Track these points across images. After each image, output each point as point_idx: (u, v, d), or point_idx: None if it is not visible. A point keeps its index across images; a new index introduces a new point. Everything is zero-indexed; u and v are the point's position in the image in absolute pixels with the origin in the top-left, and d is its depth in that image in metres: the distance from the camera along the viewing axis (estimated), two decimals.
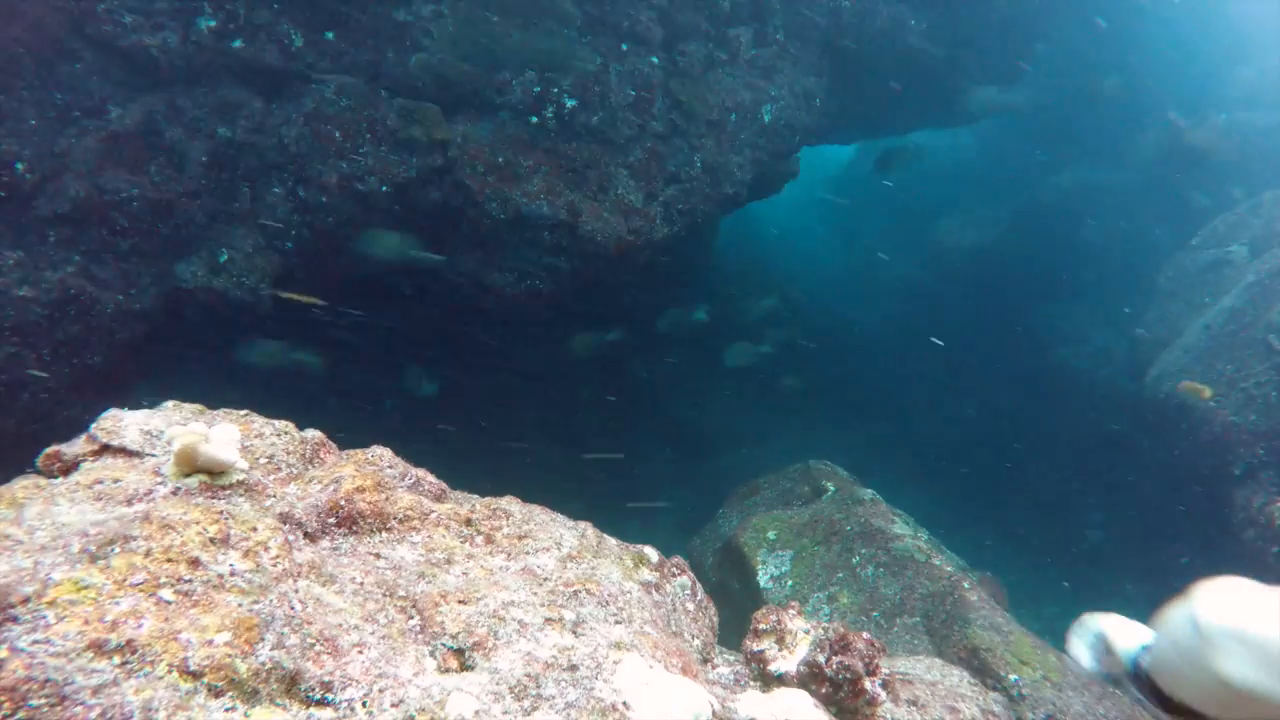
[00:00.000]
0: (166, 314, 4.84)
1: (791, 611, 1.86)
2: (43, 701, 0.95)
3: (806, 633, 1.80)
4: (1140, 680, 1.27)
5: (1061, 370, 9.11)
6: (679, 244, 6.01)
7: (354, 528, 1.60)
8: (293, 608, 1.26)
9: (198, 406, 1.81)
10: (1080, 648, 1.57)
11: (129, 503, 1.43)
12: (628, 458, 8.52)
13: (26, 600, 1.08)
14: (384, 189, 4.96)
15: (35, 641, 1.03)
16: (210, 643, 1.11)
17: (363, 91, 4.99)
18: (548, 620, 1.44)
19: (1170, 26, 9.66)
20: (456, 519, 1.73)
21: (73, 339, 4.37)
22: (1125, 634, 1.40)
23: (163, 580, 1.18)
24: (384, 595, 1.42)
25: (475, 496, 1.92)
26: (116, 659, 1.04)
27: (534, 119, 5.29)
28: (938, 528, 4.49)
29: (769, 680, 1.77)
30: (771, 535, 4.14)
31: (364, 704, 1.17)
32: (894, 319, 11.62)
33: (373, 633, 1.32)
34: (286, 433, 1.80)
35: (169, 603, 1.15)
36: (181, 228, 4.68)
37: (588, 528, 1.91)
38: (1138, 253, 8.87)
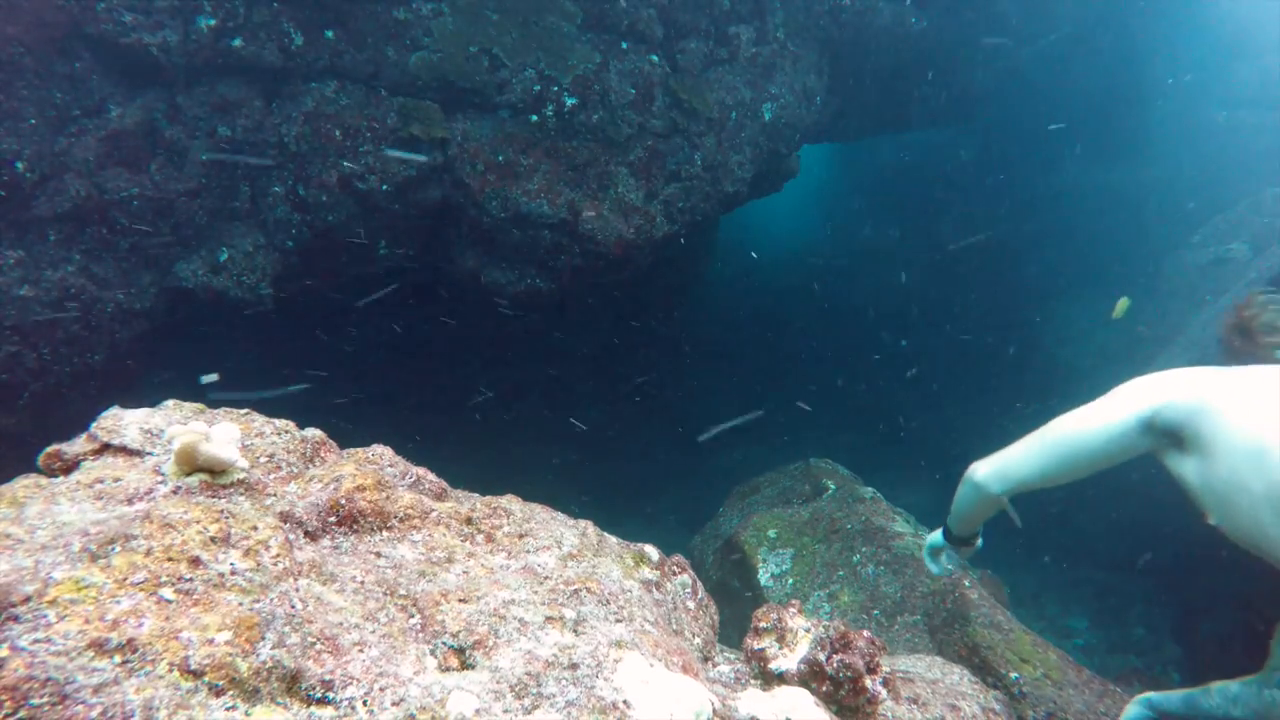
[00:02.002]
0: (167, 313, 4.84)
1: (792, 610, 1.85)
2: (44, 700, 0.95)
3: (807, 631, 1.80)
4: (949, 537, 2.51)
5: (1062, 368, 9.11)
6: (679, 243, 6.01)
7: (354, 526, 1.60)
8: (293, 606, 1.26)
9: (198, 405, 1.81)
10: (928, 563, 2.71)
11: (129, 502, 1.43)
12: (628, 456, 8.53)
13: (28, 599, 1.08)
14: (384, 188, 4.96)
15: (36, 640, 1.03)
16: (211, 641, 1.11)
17: (362, 90, 4.99)
18: (548, 619, 1.44)
19: (1171, 25, 9.65)
20: (457, 518, 1.73)
21: (73, 338, 4.37)
22: (933, 535, 2.59)
23: (163, 579, 1.18)
24: (385, 594, 1.42)
25: (476, 495, 1.92)
26: (117, 658, 1.04)
27: (534, 117, 5.29)
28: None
29: (770, 678, 1.77)
30: (772, 533, 4.14)
31: (364, 703, 1.17)
32: (893, 316, 11.63)
33: (373, 631, 1.32)
34: (287, 431, 1.80)
35: (170, 602, 1.15)
36: (182, 227, 4.69)
37: (588, 526, 1.91)
38: (1139, 250, 8.87)
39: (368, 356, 6.66)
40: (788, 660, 1.76)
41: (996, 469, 2.17)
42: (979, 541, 2.55)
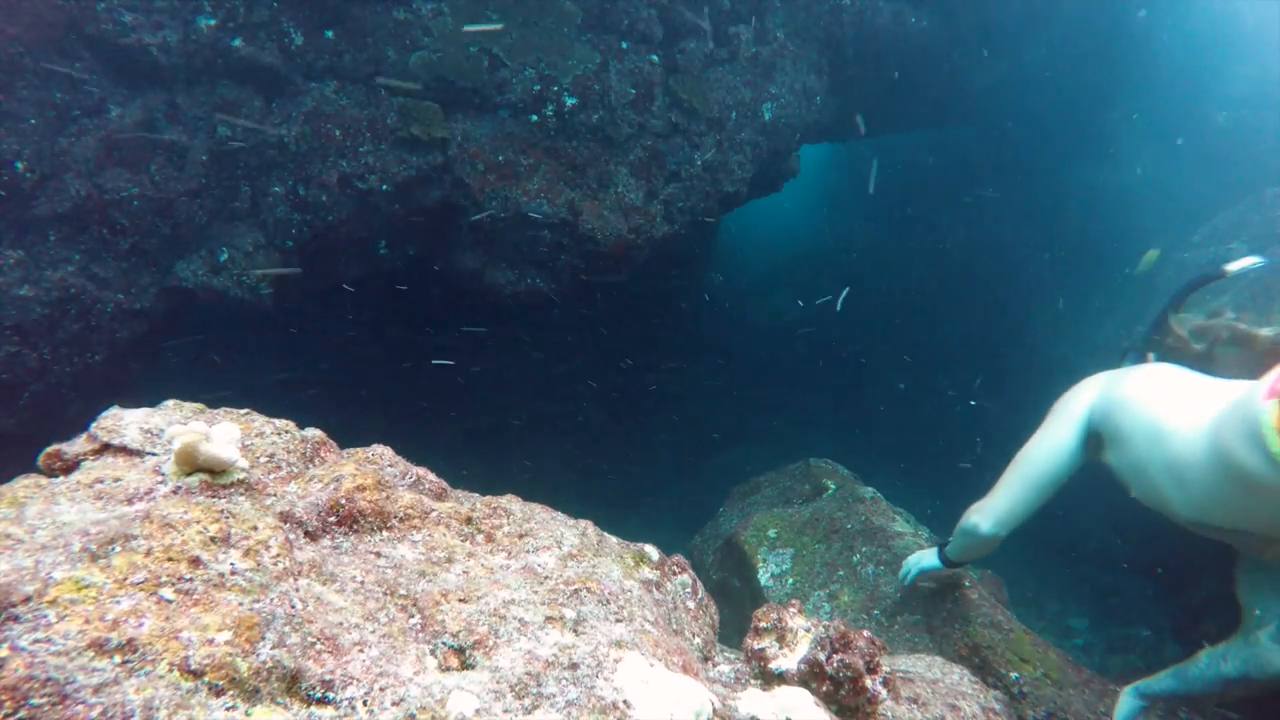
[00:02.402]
0: (167, 313, 4.84)
1: (792, 609, 1.85)
2: (44, 700, 0.95)
3: (807, 631, 1.80)
4: (945, 560, 3.05)
5: (1062, 367, 9.11)
6: (680, 242, 6.01)
7: (354, 526, 1.60)
8: (293, 606, 1.26)
9: (198, 405, 1.81)
10: (917, 582, 3.29)
11: (130, 502, 1.43)
12: (629, 455, 8.54)
13: (28, 599, 1.08)
14: (384, 187, 4.96)
15: (36, 640, 1.03)
16: (211, 641, 1.11)
17: (362, 90, 4.99)
18: (548, 619, 1.44)
19: (1171, 24, 9.65)
20: (457, 517, 1.73)
21: (73, 338, 4.37)
22: (927, 555, 3.19)
23: (163, 579, 1.18)
24: (385, 594, 1.42)
25: (476, 495, 1.92)
26: (117, 658, 1.04)
27: (534, 117, 5.29)
28: (939, 526, 4.49)
29: (770, 678, 1.77)
30: (772, 533, 4.14)
31: (364, 702, 1.17)
32: (892, 314, 11.63)
33: (373, 631, 1.32)
34: (287, 431, 1.80)
35: (170, 602, 1.15)
36: (181, 226, 4.69)
37: (588, 526, 1.91)
38: (1138, 249, 8.87)
39: (367, 356, 6.66)
40: (788, 660, 1.76)
41: (996, 517, 2.64)
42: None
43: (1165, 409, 2.17)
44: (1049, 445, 2.55)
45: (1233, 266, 2.56)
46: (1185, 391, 2.19)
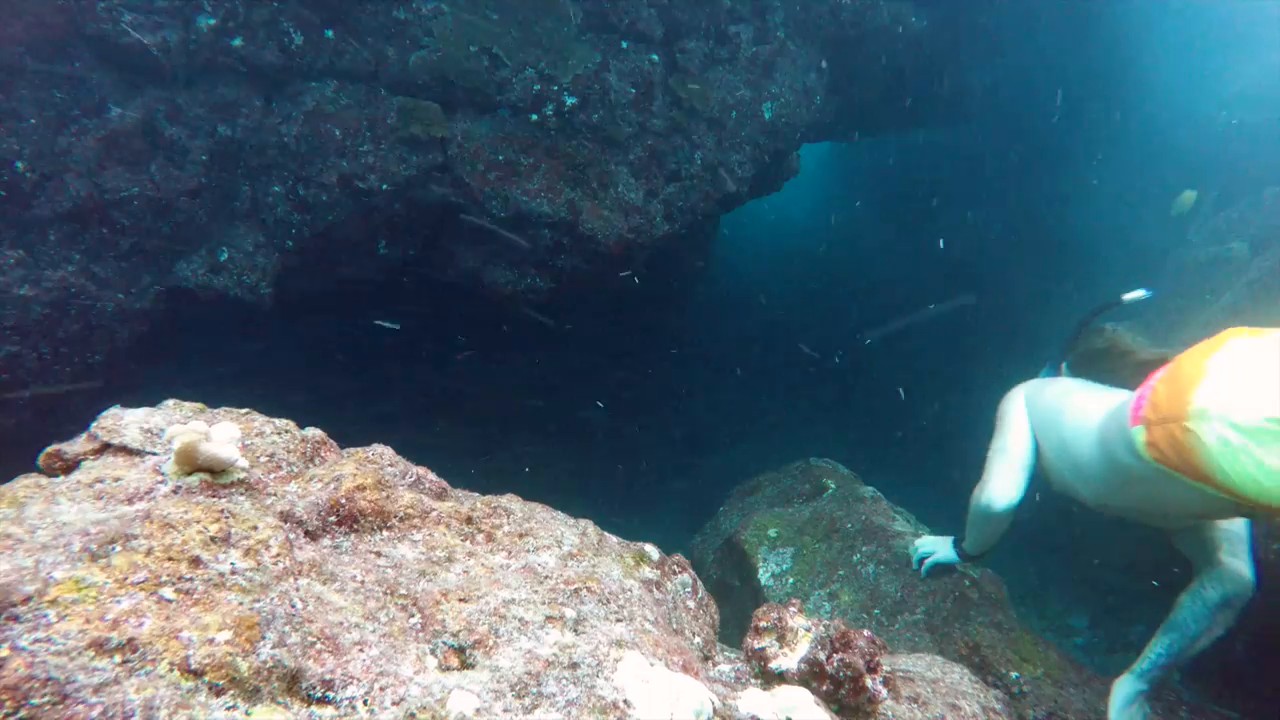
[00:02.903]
0: (167, 313, 4.84)
1: (792, 609, 1.85)
2: (44, 700, 0.96)
3: (807, 630, 1.80)
4: (962, 553, 3.22)
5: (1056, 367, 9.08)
6: (680, 242, 6.01)
7: (355, 526, 1.60)
8: (294, 606, 1.26)
9: (198, 405, 1.81)
10: (927, 570, 3.43)
11: (130, 501, 1.43)
12: (629, 456, 8.54)
13: (28, 599, 1.08)
14: (384, 187, 4.96)
15: (37, 640, 1.03)
16: (211, 641, 1.11)
17: (362, 90, 4.99)
18: (549, 618, 1.44)
19: (1171, 23, 9.65)
20: (457, 517, 1.73)
21: (73, 338, 4.37)
22: (942, 548, 3.36)
23: (164, 579, 1.18)
24: (385, 593, 1.42)
25: (476, 494, 1.92)
26: (118, 657, 1.05)
27: (534, 117, 5.29)
28: (941, 526, 4.49)
29: (770, 678, 1.77)
30: (772, 533, 4.14)
31: (365, 702, 1.17)
32: (890, 316, 11.63)
33: (374, 631, 1.32)
34: (287, 431, 1.80)
35: (170, 601, 1.15)
36: (182, 226, 4.69)
37: (589, 525, 1.91)
38: (1137, 249, 8.88)
39: (366, 356, 6.66)
40: (788, 659, 1.76)
41: (1000, 489, 2.88)
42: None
43: (1066, 419, 2.69)
44: (1014, 433, 2.95)
45: (1127, 297, 3.16)
46: (1081, 402, 2.69)
